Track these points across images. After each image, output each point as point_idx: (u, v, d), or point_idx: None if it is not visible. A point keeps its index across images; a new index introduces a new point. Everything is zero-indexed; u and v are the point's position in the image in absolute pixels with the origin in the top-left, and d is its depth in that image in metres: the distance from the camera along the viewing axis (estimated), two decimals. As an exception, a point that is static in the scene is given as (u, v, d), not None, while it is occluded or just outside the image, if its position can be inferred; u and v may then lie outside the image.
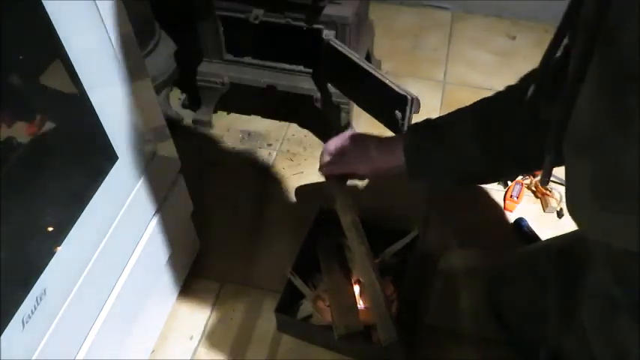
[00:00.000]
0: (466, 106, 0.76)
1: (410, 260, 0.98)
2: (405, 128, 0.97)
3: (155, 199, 0.83)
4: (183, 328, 0.98)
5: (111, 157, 0.69)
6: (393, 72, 1.45)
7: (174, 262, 0.96)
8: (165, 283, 0.96)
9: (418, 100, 0.94)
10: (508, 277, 0.91)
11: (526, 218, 1.12)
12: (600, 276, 0.55)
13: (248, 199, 1.18)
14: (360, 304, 0.93)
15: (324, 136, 1.30)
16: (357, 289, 0.96)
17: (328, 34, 1.07)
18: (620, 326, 0.50)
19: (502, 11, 1.64)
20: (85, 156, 0.68)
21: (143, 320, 0.89)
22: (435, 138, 0.76)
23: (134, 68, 0.69)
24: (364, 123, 1.28)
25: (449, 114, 0.78)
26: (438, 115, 0.79)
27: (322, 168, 0.92)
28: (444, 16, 1.66)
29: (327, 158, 0.91)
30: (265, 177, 1.23)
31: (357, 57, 1.03)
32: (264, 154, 1.28)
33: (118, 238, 0.73)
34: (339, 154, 0.89)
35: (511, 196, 1.16)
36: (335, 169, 0.90)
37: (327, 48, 1.07)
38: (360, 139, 0.87)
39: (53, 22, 0.54)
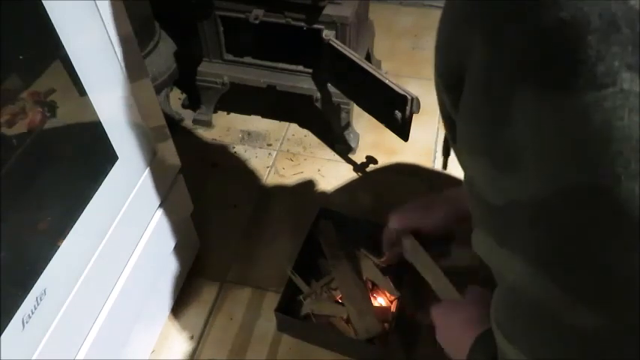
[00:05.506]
0: None
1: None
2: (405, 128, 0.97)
3: (155, 199, 0.83)
4: (184, 328, 0.98)
5: (111, 157, 0.69)
6: (393, 72, 1.45)
7: (174, 261, 0.96)
8: (165, 282, 0.96)
9: (418, 100, 0.94)
10: None
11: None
12: None
13: (248, 199, 1.18)
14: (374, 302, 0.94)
15: (324, 136, 1.30)
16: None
17: (328, 34, 1.06)
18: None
19: (502, 11, 1.63)
20: (85, 156, 0.68)
21: (143, 320, 0.89)
22: None
23: (134, 68, 0.69)
24: (364, 123, 1.28)
25: None
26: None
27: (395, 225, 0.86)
28: (444, 16, 1.66)
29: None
30: (265, 177, 1.23)
31: (357, 57, 1.03)
32: (264, 154, 1.28)
33: (118, 238, 0.73)
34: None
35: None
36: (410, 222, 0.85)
37: (327, 48, 1.07)
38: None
39: (53, 22, 0.54)
